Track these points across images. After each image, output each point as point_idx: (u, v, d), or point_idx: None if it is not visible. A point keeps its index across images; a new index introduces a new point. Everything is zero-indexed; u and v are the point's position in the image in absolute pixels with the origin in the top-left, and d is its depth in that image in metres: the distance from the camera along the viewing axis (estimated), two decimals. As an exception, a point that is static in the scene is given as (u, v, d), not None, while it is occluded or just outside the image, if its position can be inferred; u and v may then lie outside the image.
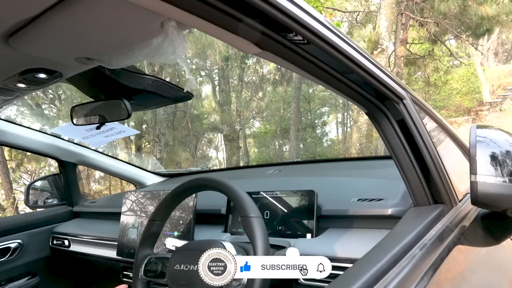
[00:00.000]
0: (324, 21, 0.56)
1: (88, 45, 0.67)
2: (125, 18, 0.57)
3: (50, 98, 8.81)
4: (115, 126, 1.22)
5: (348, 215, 1.00)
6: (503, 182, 0.75)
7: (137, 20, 0.60)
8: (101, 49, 0.69)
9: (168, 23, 0.61)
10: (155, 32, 0.61)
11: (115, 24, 0.58)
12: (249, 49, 0.55)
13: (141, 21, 0.59)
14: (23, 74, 0.77)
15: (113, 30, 0.60)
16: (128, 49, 0.67)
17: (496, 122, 10.87)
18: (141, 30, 0.64)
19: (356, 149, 6.98)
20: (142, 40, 0.64)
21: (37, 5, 0.52)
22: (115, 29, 0.60)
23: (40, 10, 0.54)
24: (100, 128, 0.85)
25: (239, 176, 1.85)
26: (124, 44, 0.66)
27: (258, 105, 13.81)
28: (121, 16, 0.56)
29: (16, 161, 8.97)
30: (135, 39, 0.65)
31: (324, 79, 0.68)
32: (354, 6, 11.27)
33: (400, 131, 0.83)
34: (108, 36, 0.63)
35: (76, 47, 0.69)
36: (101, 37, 0.63)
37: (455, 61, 12.11)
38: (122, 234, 1.33)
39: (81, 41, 0.66)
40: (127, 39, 0.65)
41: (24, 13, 0.54)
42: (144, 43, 0.64)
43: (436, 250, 0.73)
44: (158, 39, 0.62)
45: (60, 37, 0.63)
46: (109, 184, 9.95)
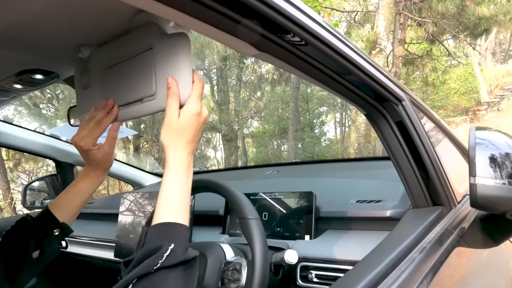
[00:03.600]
0: (321, 22, 0.56)
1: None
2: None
3: (47, 98, 8.79)
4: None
5: (346, 216, 0.99)
6: (502, 184, 0.74)
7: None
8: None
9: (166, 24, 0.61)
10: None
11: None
12: (247, 50, 0.55)
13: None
14: (20, 74, 0.77)
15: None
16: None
17: (493, 122, 10.91)
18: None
19: (354, 149, 6.98)
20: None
21: (34, 6, 0.52)
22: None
23: (36, 10, 0.53)
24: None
25: (237, 177, 1.84)
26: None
27: (256, 105, 13.82)
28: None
29: (13, 161, 8.94)
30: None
31: (322, 81, 0.68)
32: (352, 6, 11.28)
33: (399, 133, 0.83)
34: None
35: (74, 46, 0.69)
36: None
37: (453, 61, 12.14)
38: (120, 235, 1.33)
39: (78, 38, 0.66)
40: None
41: (19, 13, 0.54)
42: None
43: (435, 253, 0.72)
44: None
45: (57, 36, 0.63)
46: (106, 184, 9.93)
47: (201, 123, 0.62)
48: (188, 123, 0.59)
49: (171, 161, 0.59)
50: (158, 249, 0.49)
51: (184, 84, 0.59)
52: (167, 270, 0.48)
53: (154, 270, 0.47)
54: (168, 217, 0.54)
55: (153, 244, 0.50)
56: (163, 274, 0.47)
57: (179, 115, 0.59)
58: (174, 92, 0.58)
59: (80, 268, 1.64)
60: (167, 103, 0.59)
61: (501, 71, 14.02)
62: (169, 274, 0.48)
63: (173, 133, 0.59)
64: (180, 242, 0.51)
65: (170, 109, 0.59)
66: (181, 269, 0.49)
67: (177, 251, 0.49)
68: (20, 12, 0.54)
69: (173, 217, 0.55)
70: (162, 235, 0.52)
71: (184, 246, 0.52)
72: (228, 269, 0.78)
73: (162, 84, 0.61)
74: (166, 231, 0.53)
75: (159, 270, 0.47)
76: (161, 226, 0.54)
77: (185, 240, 0.53)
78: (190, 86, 0.60)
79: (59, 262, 1.64)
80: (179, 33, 0.60)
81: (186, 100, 0.60)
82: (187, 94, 0.60)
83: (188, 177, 0.60)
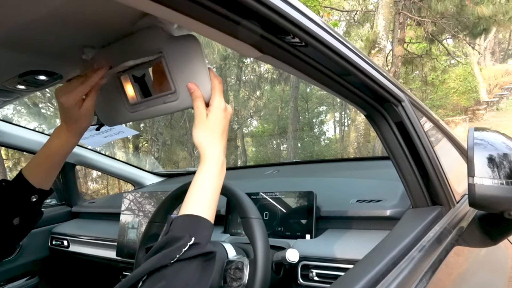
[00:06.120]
0: (321, 23, 0.56)
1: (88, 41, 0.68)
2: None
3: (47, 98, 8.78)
4: (114, 127, 1.22)
5: (347, 216, 1.00)
6: (500, 184, 0.75)
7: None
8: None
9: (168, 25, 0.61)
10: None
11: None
12: (250, 52, 0.56)
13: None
14: (23, 75, 0.77)
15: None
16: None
17: (492, 121, 10.92)
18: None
19: (354, 148, 6.99)
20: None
21: (37, 7, 0.52)
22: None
23: (41, 12, 0.54)
24: (100, 129, 0.85)
25: (237, 176, 1.85)
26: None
27: (256, 104, 13.81)
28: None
29: (13, 160, 8.93)
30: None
31: (323, 82, 0.69)
32: (352, 5, 11.28)
33: (398, 133, 0.84)
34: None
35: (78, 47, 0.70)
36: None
37: (452, 61, 12.14)
38: (121, 234, 1.33)
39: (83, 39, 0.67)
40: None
41: (25, 15, 0.54)
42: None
43: (434, 251, 0.73)
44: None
45: (61, 37, 0.64)
46: (106, 183, 9.93)
47: (228, 118, 0.65)
48: (217, 119, 0.62)
49: (207, 156, 0.61)
50: (179, 239, 0.50)
51: (204, 84, 0.62)
52: (184, 262, 0.49)
53: (171, 263, 0.48)
54: (195, 210, 0.55)
55: (175, 234, 0.51)
56: (180, 266, 0.48)
57: (207, 114, 0.62)
58: (198, 95, 0.61)
59: (82, 267, 1.65)
60: (194, 105, 0.62)
61: (500, 71, 14.04)
62: (186, 266, 0.49)
63: (206, 131, 0.62)
64: (201, 236, 0.52)
65: (198, 110, 0.61)
66: (199, 262, 0.50)
67: (197, 245, 0.50)
68: (26, 14, 0.54)
69: (200, 211, 0.56)
70: (185, 227, 0.53)
71: (205, 240, 0.52)
72: (230, 267, 0.79)
73: (182, 86, 0.63)
74: (190, 224, 0.54)
75: (176, 262, 0.48)
76: (186, 217, 0.55)
77: (207, 236, 0.54)
78: (209, 85, 0.62)
79: (61, 261, 1.65)
80: (187, 36, 0.61)
81: (209, 98, 0.62)
82: (209, 92, 0.62)
83: (222, 173, 0.62)
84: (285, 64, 0.60)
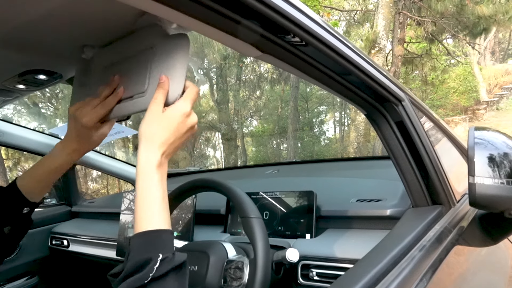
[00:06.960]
0: (321, 22, 0.56)
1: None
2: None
3: (47, 97, 8.78)
4: (114, 126, 1.22)
5: (347, 215, 1.00)
6: (501, 183, 0.75)
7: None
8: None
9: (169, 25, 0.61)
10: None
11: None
12: (250, 52, 0.56)
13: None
14: (23, 75, 0.77)
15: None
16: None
17: (492, 121, 10.93)
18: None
19: (354, 148, 7.00)
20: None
21: (37, 7, 0.52)
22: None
23: (41, 11, 0.54)
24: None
25: (237, 176, 1.85)
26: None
27: (256, 104, 13.83)
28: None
29: (13, 160, 8.93)
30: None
31: (323, 82, 0.68)
32: (352, 5, 11.29)
33: (398, 133, 0.84)
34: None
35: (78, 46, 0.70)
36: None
37: (452, 60, 12.15)
38: (121, 234, 1.33)
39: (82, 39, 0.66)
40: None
41: (25, 15, 0.54)
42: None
43: (435, 251, 0.73)
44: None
45: (61, 37, 0.64)
46: (106, 183, 9.93)
47: (187, 127, 0.58)
48: (172, 119, 0.56)
49: (141, 158, 0.54)
50: (148, 261, 0.48)
51: (176, 83, 0.58)
52: (158, 281, 0.47)
53: (146, 284, 0.46)
54: (148, 224, 0.52)
55: (140, 256, 0.49)
56: (155, 285, 0.47)
57: (165, 110, 0.56)
58: (163, 87, 0.56)
59: (82, 267, 1.65)
60: (154, 95, 0.56)
61: (500, 70, 14.04)
62: (161, 284, 0.47)
63: (153, 126, 0.55)
64: (167, 250, 0.50)
65: (155, 101, 0.56)
66: (172, 276, 0.49)
67: (166, 260, 0.48)
68: (26, 14, 0.54)
69: (154, 223, 0.52)
70: (148, 245, 0.50)
71: (171, 252, 0.50)
72: (230, 267, 0.79)
73: (154, 83, 0.60)
74: (150, 241, 0.51)
75: (150, 282, 0.46)
76: (143, 235, 0.51)
77: (171, 246, 0.51)
78: (181, 87, 0.58)
79: (61, 261, 1.65)
80: (179, 34, 0.60)
81: (174, 101, 0.57)
82: (176, 94, 0.57)
83: (161, 176, 0.55)
84: (285, 64, 0.60)
